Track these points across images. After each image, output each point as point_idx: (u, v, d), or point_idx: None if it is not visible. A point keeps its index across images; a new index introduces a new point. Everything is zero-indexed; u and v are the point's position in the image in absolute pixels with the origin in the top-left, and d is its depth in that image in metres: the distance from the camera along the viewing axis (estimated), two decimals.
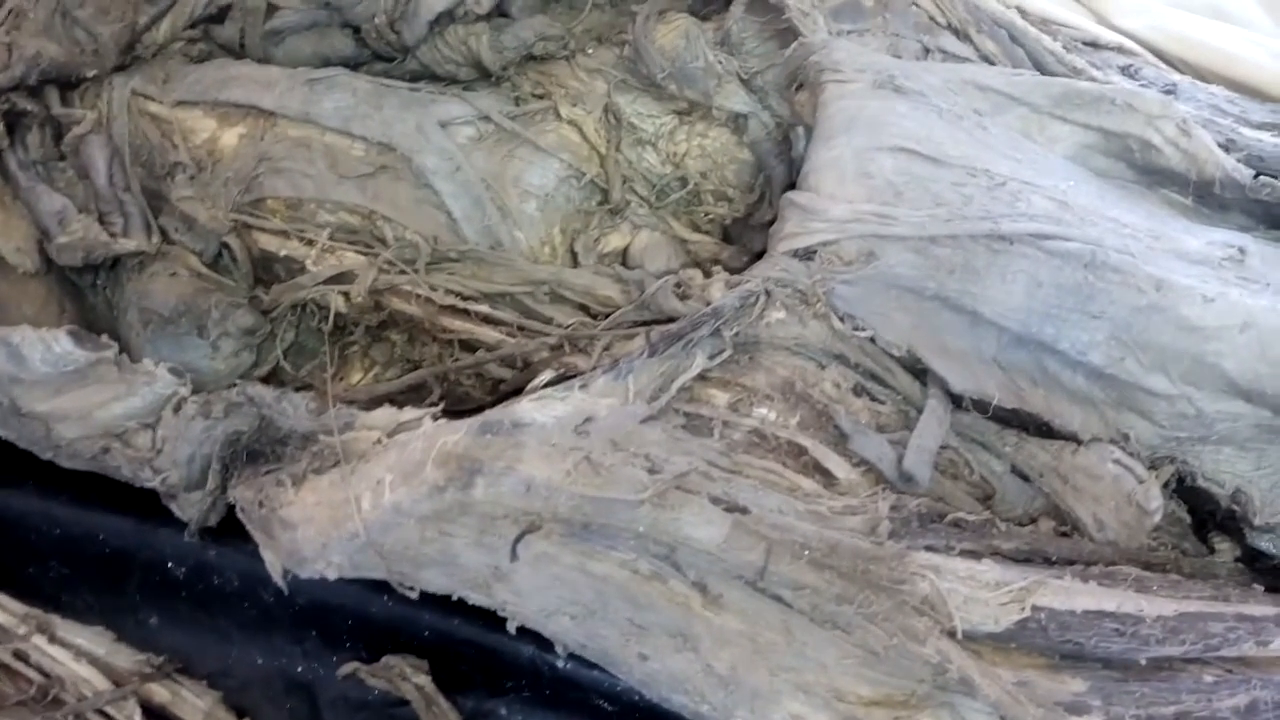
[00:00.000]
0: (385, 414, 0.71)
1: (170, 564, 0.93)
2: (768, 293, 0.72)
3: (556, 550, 0.67)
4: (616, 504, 0.65)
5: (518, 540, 0.65)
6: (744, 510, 0.66)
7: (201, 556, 0.92)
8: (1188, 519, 0.84)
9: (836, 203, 0.73)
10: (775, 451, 0.70)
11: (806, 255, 0.73)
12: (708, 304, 0.73)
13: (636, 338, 0.73)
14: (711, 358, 0.72)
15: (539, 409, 0.66)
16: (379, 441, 0.68)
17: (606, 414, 0.67)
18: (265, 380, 0.93)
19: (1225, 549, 0.84)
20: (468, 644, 0.88)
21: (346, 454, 0.69)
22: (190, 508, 0.84)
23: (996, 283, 0.72)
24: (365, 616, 0.90)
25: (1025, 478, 0.78)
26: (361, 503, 0.66)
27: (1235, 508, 0.82)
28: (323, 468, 0.69)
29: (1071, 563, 0.74)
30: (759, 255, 0.94)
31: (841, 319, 0.73)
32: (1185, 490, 0.83)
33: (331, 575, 0.70)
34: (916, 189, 0.73)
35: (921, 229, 0.72)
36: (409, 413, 0.70)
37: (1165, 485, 0.80)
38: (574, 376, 0.74)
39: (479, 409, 0.81)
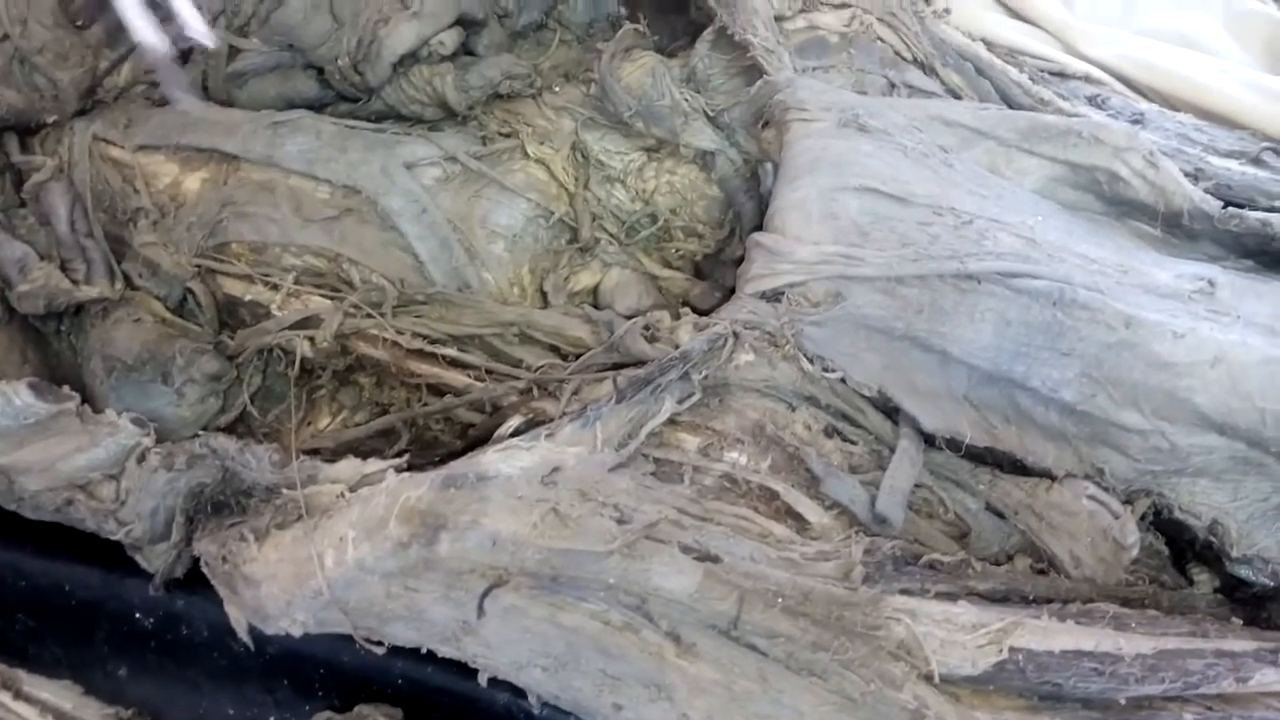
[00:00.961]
0: (349, 466, 0.70)
1: (138, 614, 0.91)
2: (736, 335, 0.72)
3: (525, 603, 0.66)
4: (585, 556, 0.64)
5: (484, 595, 0.64)
6: (715, 559, 0.65)
7: (170, 607, 0.90)
8: (1165, 551, 0.84)
9: (803, 244, 0.72)
10: (747, 497, 0.69)
11: (774, 297, 0.73)
12: (676, 347, 0.73)
13: (604, 383, 0.72)
14: (680, 401, 0.71)
15: (504, 460, 0.65)
16: (342, 495, 0.67)
17: (574, 463, 0.66)
18: (233, 426, 0.92)
19: (1204, 580, 0.84)
20: (441, 691, 0.86)
21: (310, 508, 0.68)
22: (155, 559, 0.82)
23: (965, 322, 0.72)
24: (337, 665, 0.88)
25: (1000, 515, 0.78)
26: (325, 560, 0.64)
27: (1213, 539, 0.81)
28: (286, 522, 0.68)
29: (1049, 601, 0.74)
30: (731, 290, 0.94)
31: (811, 360, 0.73)
32: (1162, 522, 0.82)
33: (296, 632, 0.68)
34: (882, 229, 0.73)
35: (888, 269, 0.71)
36: (373, 464, 0.69)
37: (1142, 518, 0.80)
38: (542, 422, 0.74)
39: (447, 456, 0.80)
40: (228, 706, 0.91)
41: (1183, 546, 0.85)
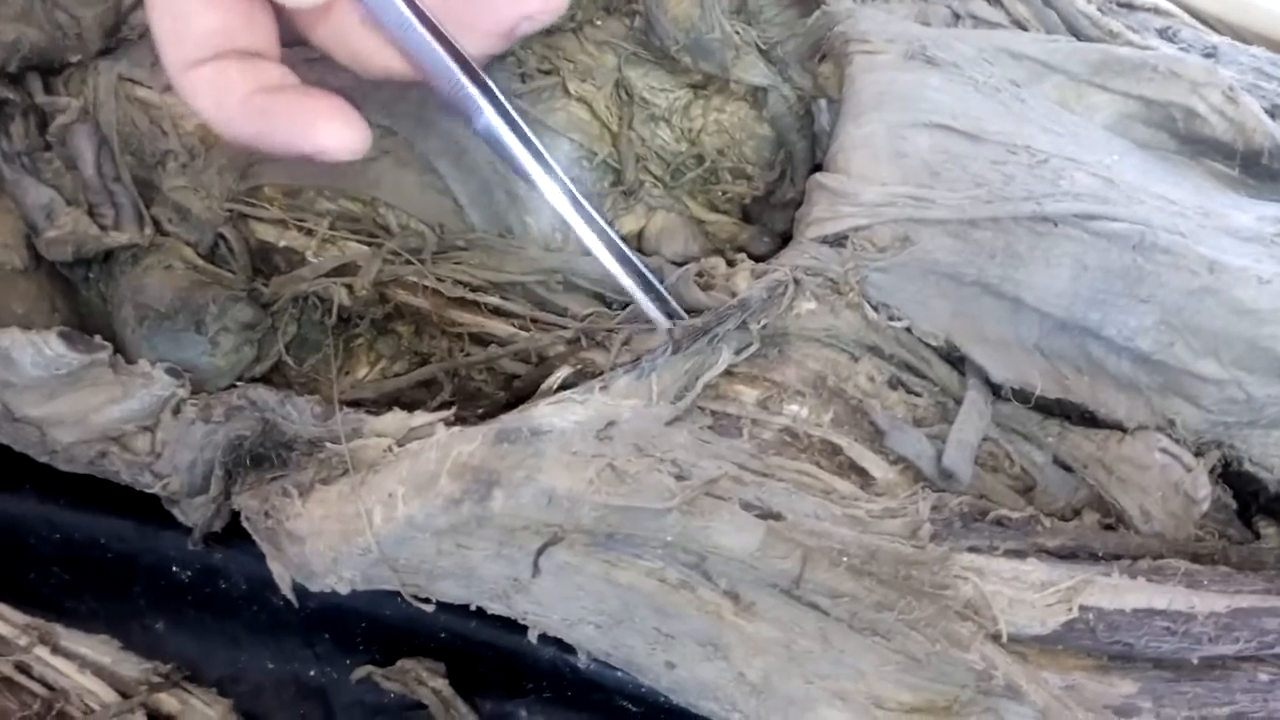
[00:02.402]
0: (395, 419, 0.67)
1: (175, 568, 0.90)
2: (796, 282, 0.68)
3: (580, 560, 0.63)
4: (643, 513, 0.61)
5: (540, 553, 0.62)
6: (778, 516, 0.62)
7: (207, 560, 0.89)
8: (1233, 504, 0.81)
9: (869, 185, 0.69)
10: (808, 451, 0.66)
11: (837, 241, 0.69)
12: (733, 295, 0.69)
13: (657, 332, 0.68)
14: (738, 352, 0.67)
15: (558, 413, 0.62)
16: (389, 450, 0.65)
17: (629, 417, 0.63)
18: (268, 375, 0.90)
19: (1271, 534, 0.81)
20: (486, 645, 0.85)
21: (355, 463, 0.65)
22: (193, 513, 0.80)
23: (1040, 267, 0.68)
24: (379, 619, 0.87)
25: (1068, 468, 0.75)
26: (373, 517, 0.62)
27: None
28: (330, 477, 0.66)
29: (1118, 557, 0.71)
30: (781, 236, 0.90)
31: (875, 308, 0.69)
32: (1231, 475, 0.79)
33: (343, 589, 0.66)
34: (954, 168, 0.69)
35: (961, 211, 0.67)
36: (420, 417, 0.66)
37: (1211, 471, 0.77)
38: (592, 374, 0.71)
39: (492, 408, 0.78)
40: (267, 660, 0.90)
41: (1248, 499, 0.82)
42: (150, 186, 0.91)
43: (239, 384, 0.77)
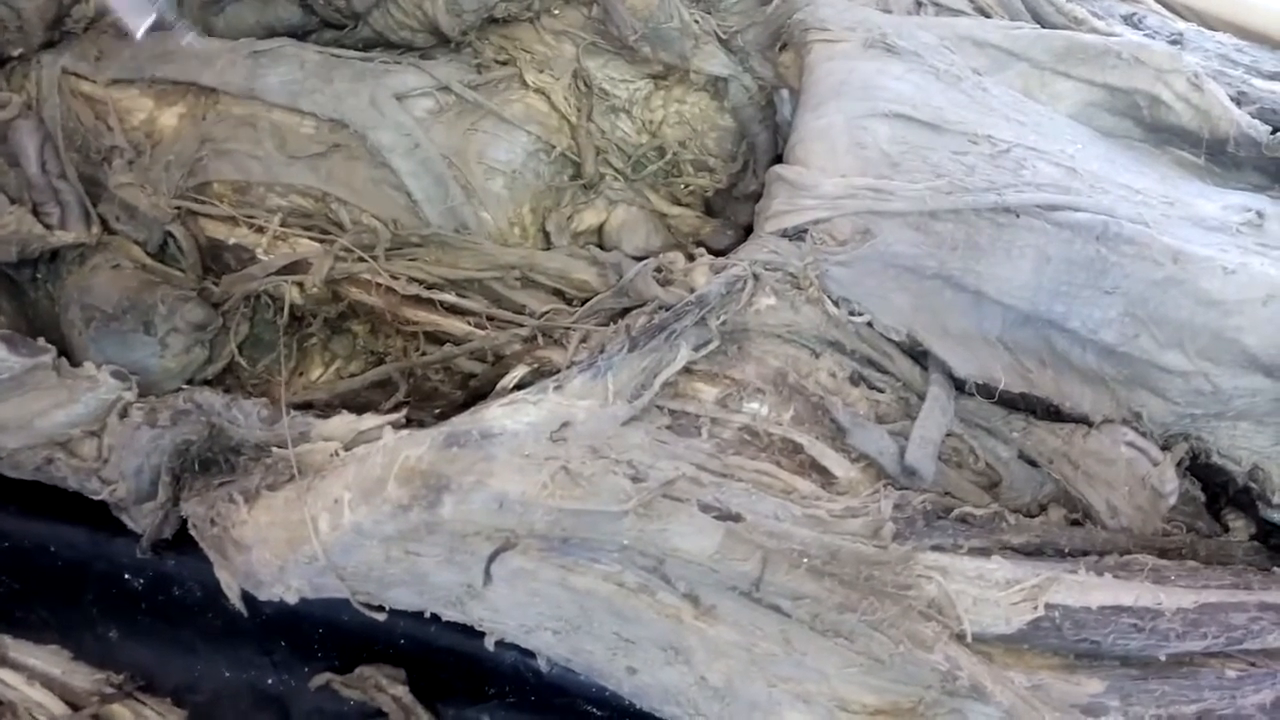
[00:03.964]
0: (343, 422, 0.65)
1: (128, 575, 0.87)
2: (756, 277, 0.67)
3: (535, 566, 0.62)
4: (598, 516, 0.60)
5: (491, 560, 0.60)
6: (737, 518, 0.61)
7: (160, 567, 0.86)
8: (1201, 497, 0.80)
9: (828, 177, 0.67)
10: (768, 450, 0.64)
11: (797, 235, 0.68)
12: (691, 290, 0.68)
13: (615, 330, 0.67)
14: (697, 349, 0.66)
15: (510, 415, 0.60)
16: (336, 454, 0.63)
17: (585, 417, 0.61)
18: (221, 376, 0.87)
19: (1239, 526, 0.80)
20: (446, 651, 0.83)
21: (302, 468, 0.63)
22: (142, 519, 0.78)
23: (1002, 259, 0.67)
24: (337, 625, 0.84)
25: (1033, 463, 0.74)
26: (319, 524, 0.60)
27: (1252, 485, 0.78)
28: (277, 483, 0.64)
29: (1085, 554, 0.70)
30: (744, 229, 0.88)
31: (836, 303, 0.68)
32: (1199, 467, 0.78)
33: (291, 599, 0.65)
34: (914, 159, 0.67)
35: (921, 203, 0.66)
36: (368, 420, 0.65)
37: (1179, 464, 0.76)
38: (549, 372, 0.69)
39: (448, 408, 0.76)
40: (223, 669, 0.87)
41: (1216, 491, 0.81)
42: (96, 183, 0.88)
43: (185, 387, 0.75)
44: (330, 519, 0.60)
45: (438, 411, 0.78)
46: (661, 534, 0.60)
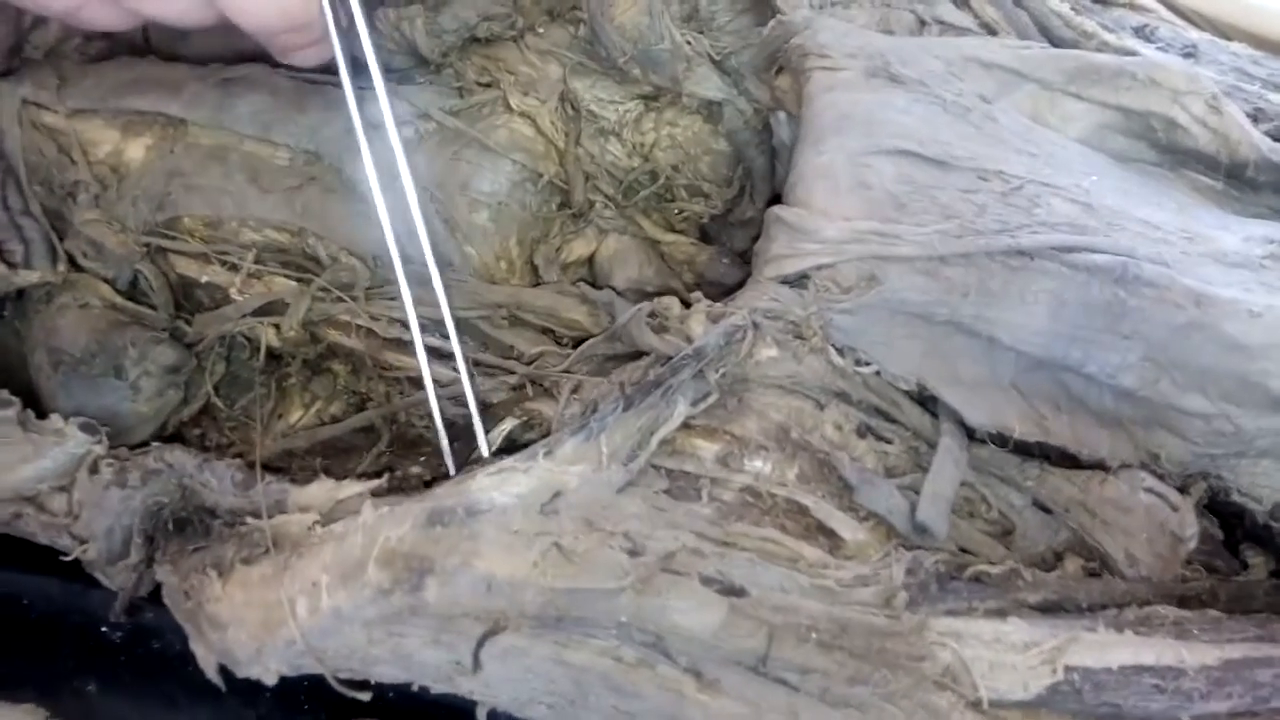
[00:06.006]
0: (321, 490, 0.61)
1: (105, 628, 0.84)
2: (756, 326, 0.63)
3: (527, 643, 0.58)
4: (594, 594, 0.56)
5: (480, 645, 0.57)
6: (740, 591, 0.58)
7: (139, 620, 0.83)
8: (1219, 535, 0.77)
9: (830, 220, 0.63)
10: (772, 513, 0.61)
11: (798, 282, 0.64)
12: (688, 339, 0.64)
13: (608, 383, 0.63)
14: (695, 403, 0.62)
15: (498, 486, 0.57)
16: (314, 526, 0.59)
17: (577, 485, 0.58)
18: (198, 417, 0.84)
19: (1259, 563, 0.77)
20: (437, 705, 0.80)
21: (278, 540, 0.60)
22: (116, 577, 0.75)
23: (1016, 304, 0.63)
24: (324, 678, 0.81)
25: (1047, 510, 0.70)
26: (297, 607, 0.57)
27: (1273, 523, 0.75)
28: (252, 556, 0.60)
29: (1104, 607, 0.67)
30: (741, 255, 0.85)
31: (841, 352, 0.64)
32: (1217, 504, 0.75)
33: (270, 680, 0.61)
34: (922, 199, 0.64)
35: (930, 248, 0.62)
36: (348, 487, 0.61)
37: (1197, 504, 0.73)
38: (538, 425, 0.66)
39: (432, 456, 0.72)
40: None
41: (1233, 524, 0.78)
42: (61, 219, 0.84)
43: (155, 445, 0.71)
44: (308, 603, 0.57)
45: (422, 459, 0.75)
46: (661, 610, 0.57)
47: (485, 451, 0.62)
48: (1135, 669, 0.64)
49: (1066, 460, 0.70)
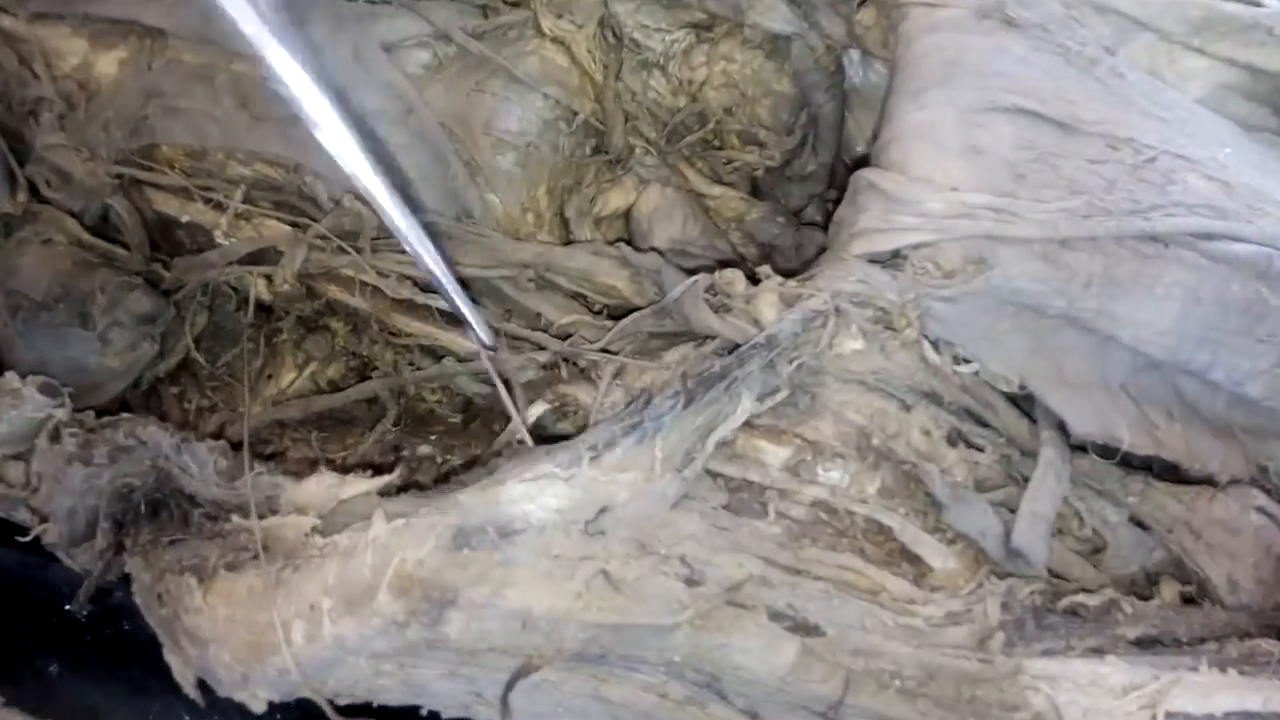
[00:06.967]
0: (320, 486, 0.52)
1: (69, 606, 0.75)
2: (839, 312, 0.53)
3: (561, 676, 0.50)
4: (645, 631, 0.48)
5: (508, 689, 0.48)
6: (815, 630, 0.49)
7: (105, 599, 0.74)
8: None
9: (935, 189, 0.53)
10: (849, 534, 0.52)
11: (891, 261, 0.54)
12: (756, 323, 0.54)
13: (661, 371, 0.54)
14: (761, 399, 0.53)
15: (534, 497, 0.47)
16: (311, 534, 0.50)
17: (626, 497, 0.48)
18: (175, 373, 0.75)
19: None
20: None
21: (269, 547, 0.50)
22: (80, 558, 0.66)
23: (1144, 299, 0.54)
24: None
25: (1142, 524, 0.62)
26: (292, 632, 0.48)
27: None
28: (238, 562, 0.51)
29: (1203, 640, 0.59)
30: (796, 214, 0.75)
31: (936, 346, 0.55)
32: None
33: (258, 708, 0.52)
34: (1043, 169, 0.54)
35: (1053, 228, 0.52)
36: (351, 484, 0.52)
37: None
38: (573, 413, 0.57)
39: (445, 435, 0.63)
40: (181, 710, 0.76)
41: None
42: (21, 141, 0.73)
43: (126, 417, 0.61)
44: (306, 629, 0.48)
45: (434, 437, 0.66)
46: (721, 650, 0.48)
47: (527, 438, 0.52)
48: (1241, 715, 0.57)
49: (1169, 473, 0.62)
